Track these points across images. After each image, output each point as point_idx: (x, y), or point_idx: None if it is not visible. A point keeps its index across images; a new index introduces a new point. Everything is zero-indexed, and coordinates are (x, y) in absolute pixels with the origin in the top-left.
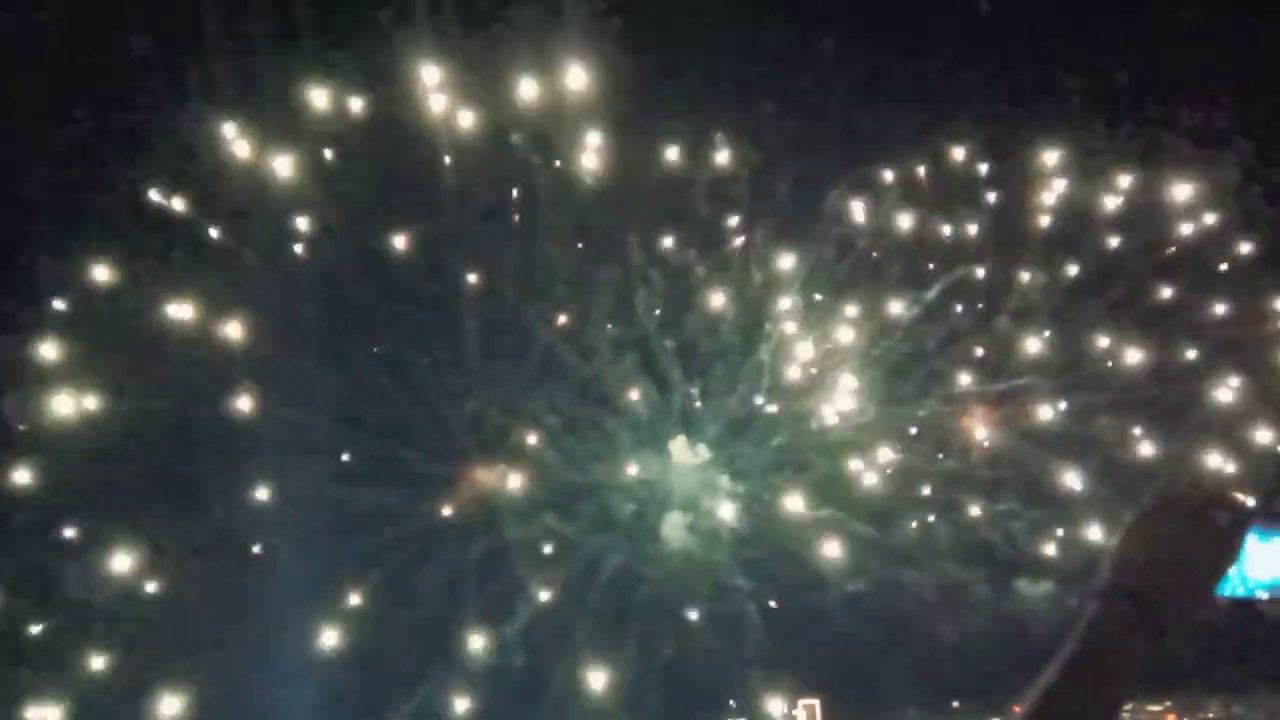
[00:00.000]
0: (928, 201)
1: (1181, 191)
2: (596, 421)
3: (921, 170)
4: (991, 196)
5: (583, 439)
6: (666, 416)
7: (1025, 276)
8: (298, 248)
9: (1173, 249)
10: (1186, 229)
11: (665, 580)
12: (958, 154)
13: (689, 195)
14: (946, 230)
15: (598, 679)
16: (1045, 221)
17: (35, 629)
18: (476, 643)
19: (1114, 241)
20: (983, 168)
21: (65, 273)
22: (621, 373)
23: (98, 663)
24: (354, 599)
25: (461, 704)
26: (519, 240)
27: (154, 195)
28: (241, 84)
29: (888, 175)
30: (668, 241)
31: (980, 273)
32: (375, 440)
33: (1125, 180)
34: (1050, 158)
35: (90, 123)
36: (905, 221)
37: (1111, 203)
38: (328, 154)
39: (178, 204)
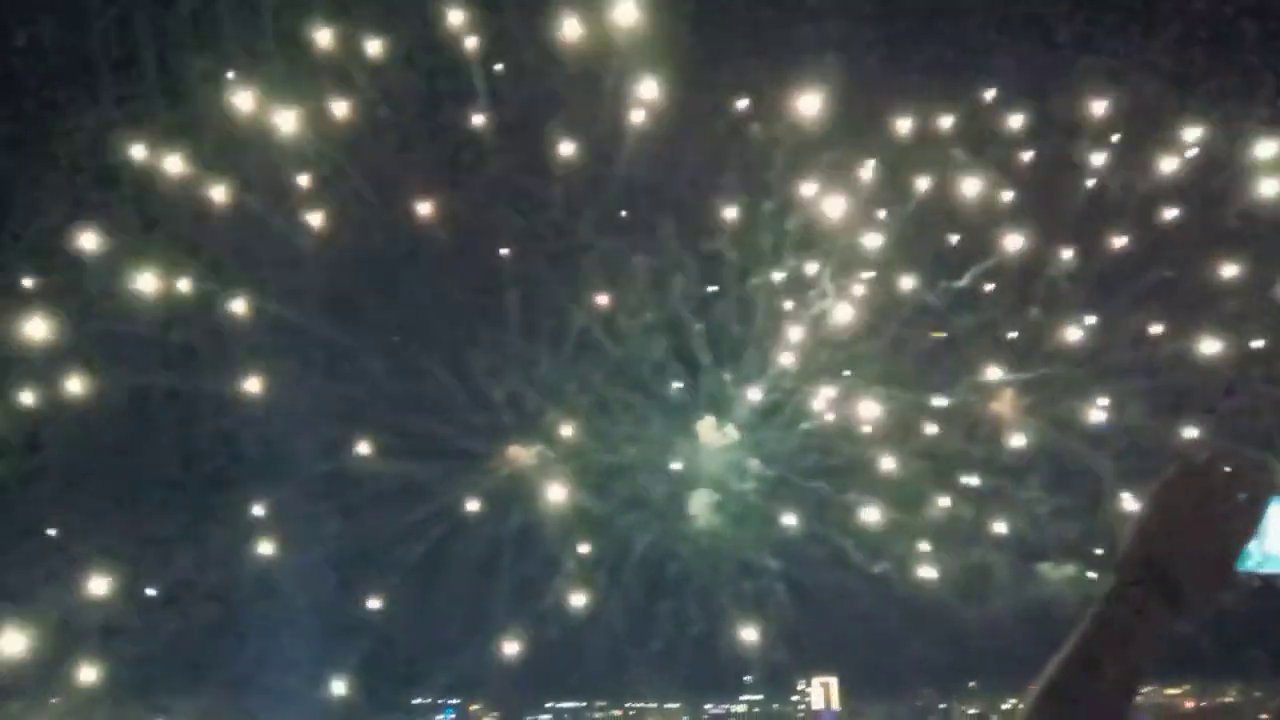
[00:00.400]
0: (962, 167)
1: (1256, 151)
2: (628, 403)
3: (956, 131)
4: (1028, 155)
5: (615, 420)
6: (696, 399)
7: (1065, 254)
8: (327, 219)
9: (1240, 220)
10: (1263, 196)
11: (694, 558)
12: (1000, 112)
13: (723, 175)
14: (981, 197)
15: (626, 652)
16: (1090, 184)
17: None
18: (511, 618)
19: (1170, 211)
20: (1016, 121)
21: (60, 241)
22: (653, 355)
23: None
24: (389, 575)
25: (495, 678)
26: (557, 218)
27: (153, 153)
28: (257, 30)
29: (922, 142)
30: (703, 224)
31: (1016, 243)
32: (413, 416)
33: (1187, 137)
34: (1098, 109)
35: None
36: (939, 193)
37: (1169, 164)
38: (354, 115)
39: (182, 164)
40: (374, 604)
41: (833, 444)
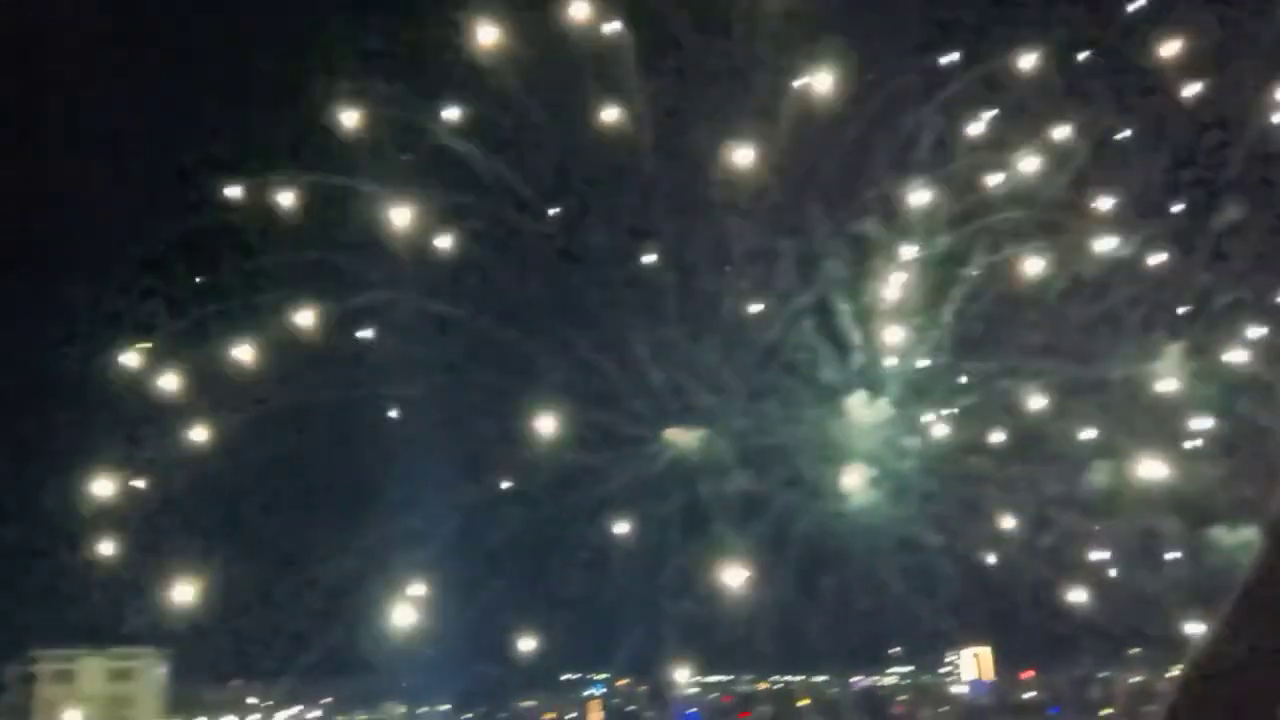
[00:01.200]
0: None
1: None
2: (782, 385)
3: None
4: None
5: (769, 402)
6: (849, 379)
7: (1231, 209)
8: (488, 221)
9: None
10: None
11: (851, 535)
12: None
13: (870, 156)
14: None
15: (779, 627)
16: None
17: None
18: (680, 593)
19: None
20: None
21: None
22: (805, 338)
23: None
24: (552, 557)
25: (668, 649)
26: (707, 211)
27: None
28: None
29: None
30: (853, 206)
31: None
32: (578, 405)
33: None
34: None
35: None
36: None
37: None
38: (507, 118)
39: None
40: (538, 585)
41: (993, 418)
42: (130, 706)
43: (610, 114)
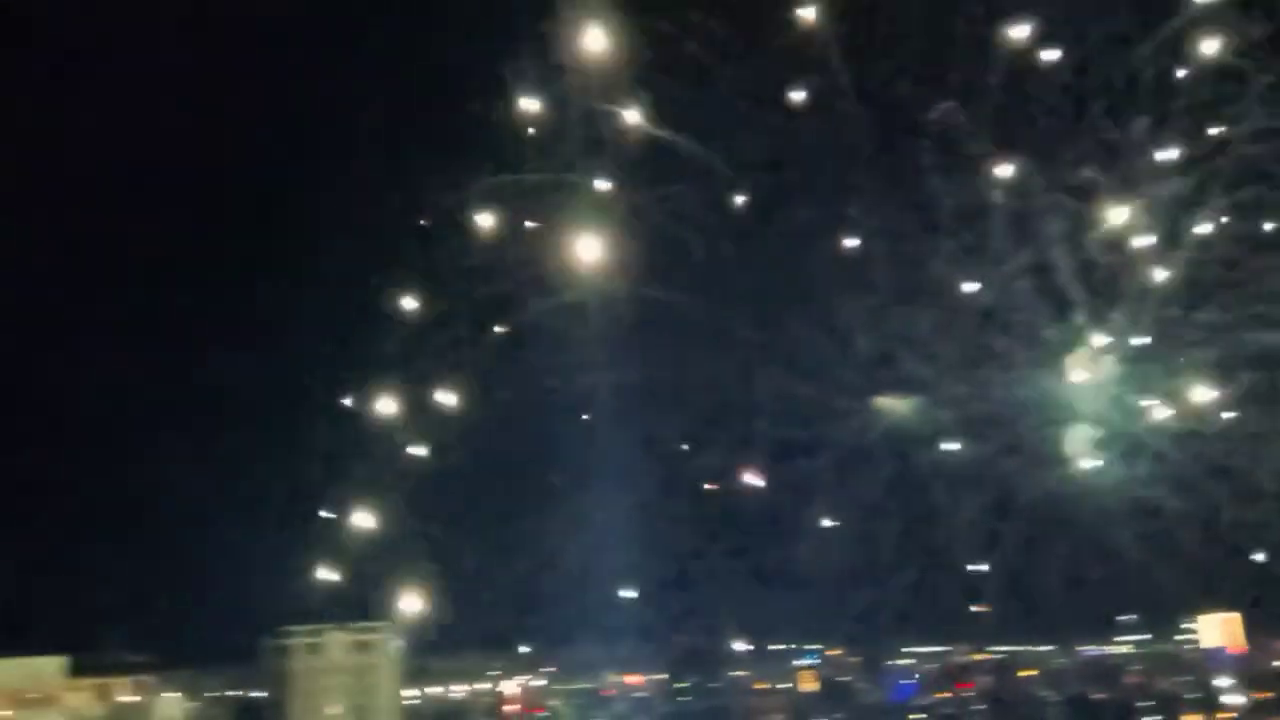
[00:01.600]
0: None
1: None
2: (996, 349)
3: None
4: None
5: (987, 367)
6: (1070, 337)
7: None
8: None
9: None
10: None
11: (1081, 499)
12: None
13: (1085, 106)
14: None
15: (1011, 595)
16: None
17: None
18: (895, 565)
19: None
20: None
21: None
22: (1021, 300)
23: None
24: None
25: (890, 617)
26: (908, 176)
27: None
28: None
29: None
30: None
31: None
32: (797, 381)
33: None
34: None
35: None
36: None
37: None
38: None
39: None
40: (750, 558)
41: (1236, 369)
42: (371, 675)
43: (807, 85)
